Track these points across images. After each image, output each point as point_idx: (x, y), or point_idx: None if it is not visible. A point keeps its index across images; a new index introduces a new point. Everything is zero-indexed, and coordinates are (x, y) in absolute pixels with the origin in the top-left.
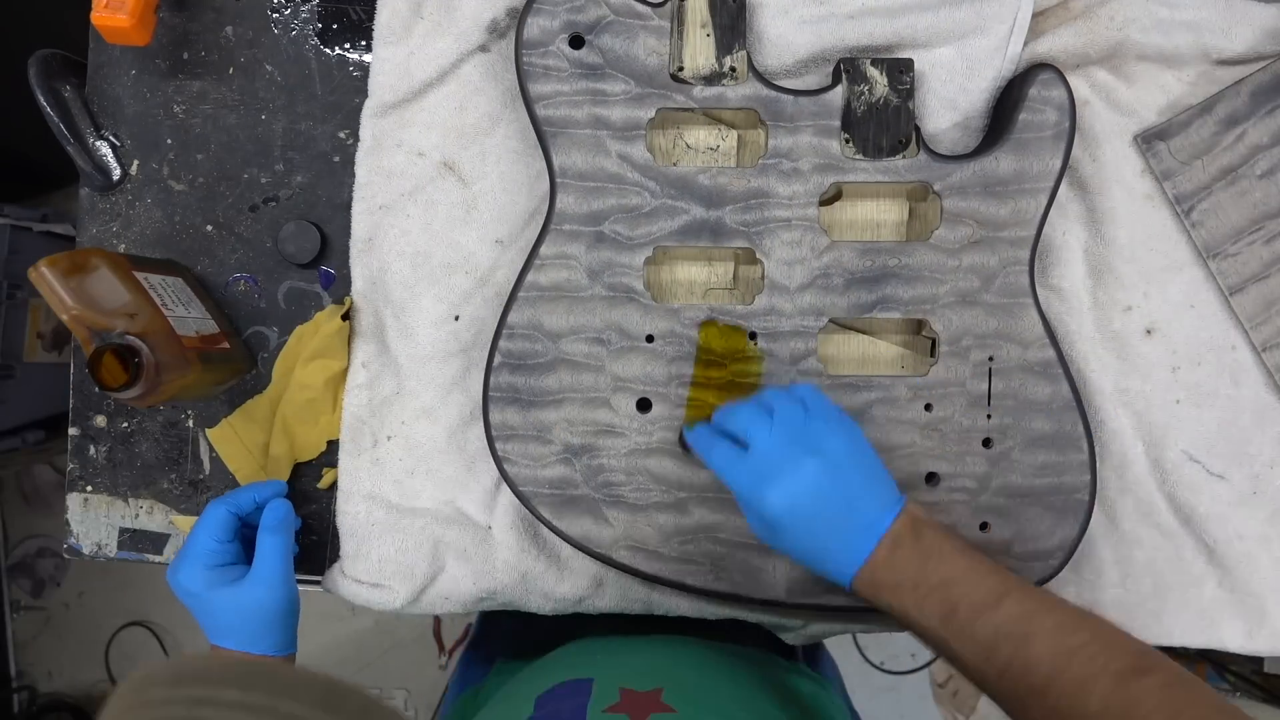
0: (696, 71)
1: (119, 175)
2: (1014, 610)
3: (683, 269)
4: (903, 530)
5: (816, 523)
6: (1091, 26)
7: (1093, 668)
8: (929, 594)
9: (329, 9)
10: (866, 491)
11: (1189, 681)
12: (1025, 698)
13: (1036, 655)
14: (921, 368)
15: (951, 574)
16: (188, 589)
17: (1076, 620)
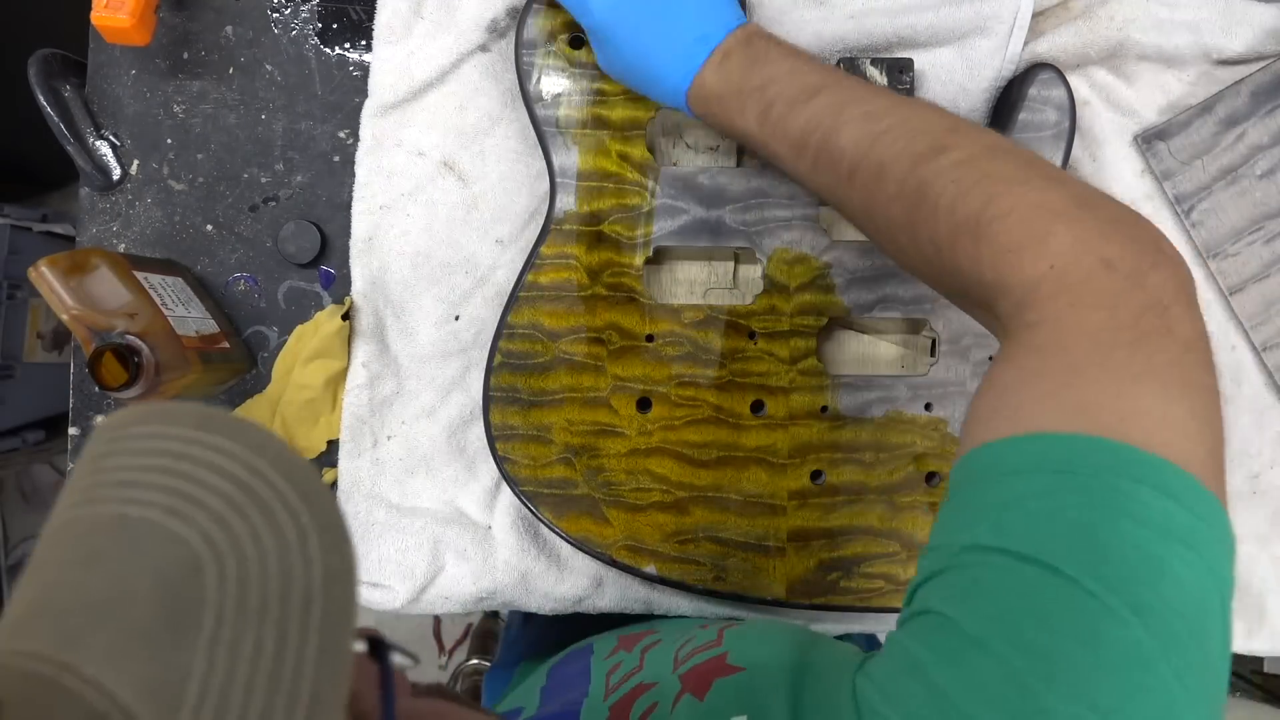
0: None
1: (119, 175)
2: (826, 101)
3: (683, 269)
4: (734, 43)
5: (642, 33)
6: (1091, 26)
7: (893, 151)
8: (749, 96)
9: (329, 9)
10: (700, 6)
11: (990, 152)
12: (836, 188)
13: (841, 145)
14: (921, 367)
15: (773, 74)
16: None
17: (889, 108)
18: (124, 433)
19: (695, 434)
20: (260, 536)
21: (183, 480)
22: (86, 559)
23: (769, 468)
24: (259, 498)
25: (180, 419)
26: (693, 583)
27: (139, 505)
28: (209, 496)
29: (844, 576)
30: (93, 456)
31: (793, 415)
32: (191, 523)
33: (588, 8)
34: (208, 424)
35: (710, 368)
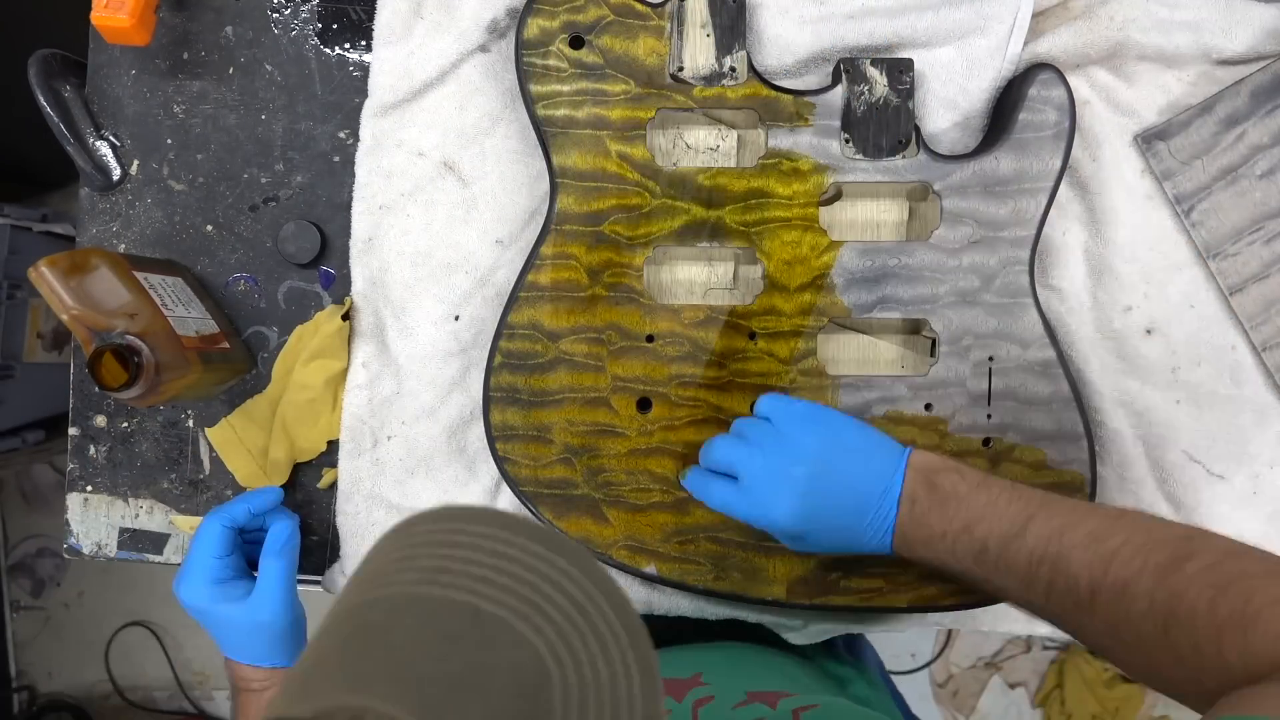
0: (696, 71)
1: (119, 175)
2: (1042, 532)
3: (683, 269)
4: (915, 488)
5: (832, 517)
6: (1091, 26)
7: (1132, 568)
8: (956, 539)
9: (329, 9)
10: (865, 468)
11: (1234, 554)
12: (1076, 615)
13: (1075, 571)
14: (921, 367)
15: (972, 514)
16: (191, 604)
17: (1109, 524)
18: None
19: (696, 434)
20: (596, 664)
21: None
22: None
23: None
24: (595, 626)
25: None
26: (693, 583)
27: (492, 602)
28: (554, 611)
29: (844, 576)
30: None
31: None
32: (540, 633)
33: (777, 524)
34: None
35: (710, 368)
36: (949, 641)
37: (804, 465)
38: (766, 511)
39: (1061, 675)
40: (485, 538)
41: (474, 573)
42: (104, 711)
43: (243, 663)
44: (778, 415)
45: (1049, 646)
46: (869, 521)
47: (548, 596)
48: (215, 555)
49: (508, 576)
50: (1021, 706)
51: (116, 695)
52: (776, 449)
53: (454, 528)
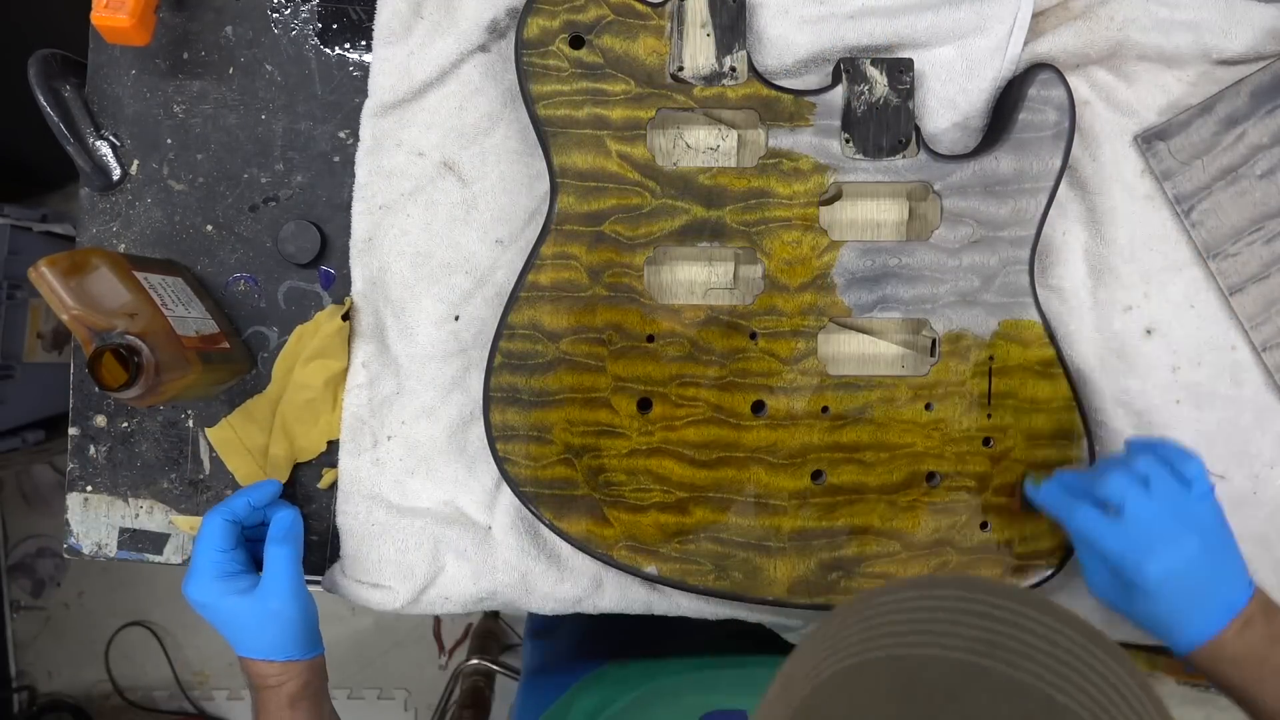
0: (696, 71)
1: (119, 175)
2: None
3: (683, 269)
4: (1255, 612)
5: (1180, 596)
6: (1091, 26)
7: None
8: (1275, 673)
9: (329, 9)
10: (1230, 571)
11: None
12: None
13: None
14: (921, 367)
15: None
16: (200, 601)
17: None
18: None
19: (696, 434)
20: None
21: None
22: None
23: (769, 468)
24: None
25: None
26: (693, 583)
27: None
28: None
29: (844, 576)
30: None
31: (793, 415)
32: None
33: (1142, 572)
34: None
35: (711, 368)
36: None
37: (1200, 539)
38: (1139, 557)
39: None
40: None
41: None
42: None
43: (257, 659)
44: (1198, 482)
45: None
46: (1202, 618)
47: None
48: (219, 549)
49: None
50: None
51: (116, 695)
52: (1178, 509)
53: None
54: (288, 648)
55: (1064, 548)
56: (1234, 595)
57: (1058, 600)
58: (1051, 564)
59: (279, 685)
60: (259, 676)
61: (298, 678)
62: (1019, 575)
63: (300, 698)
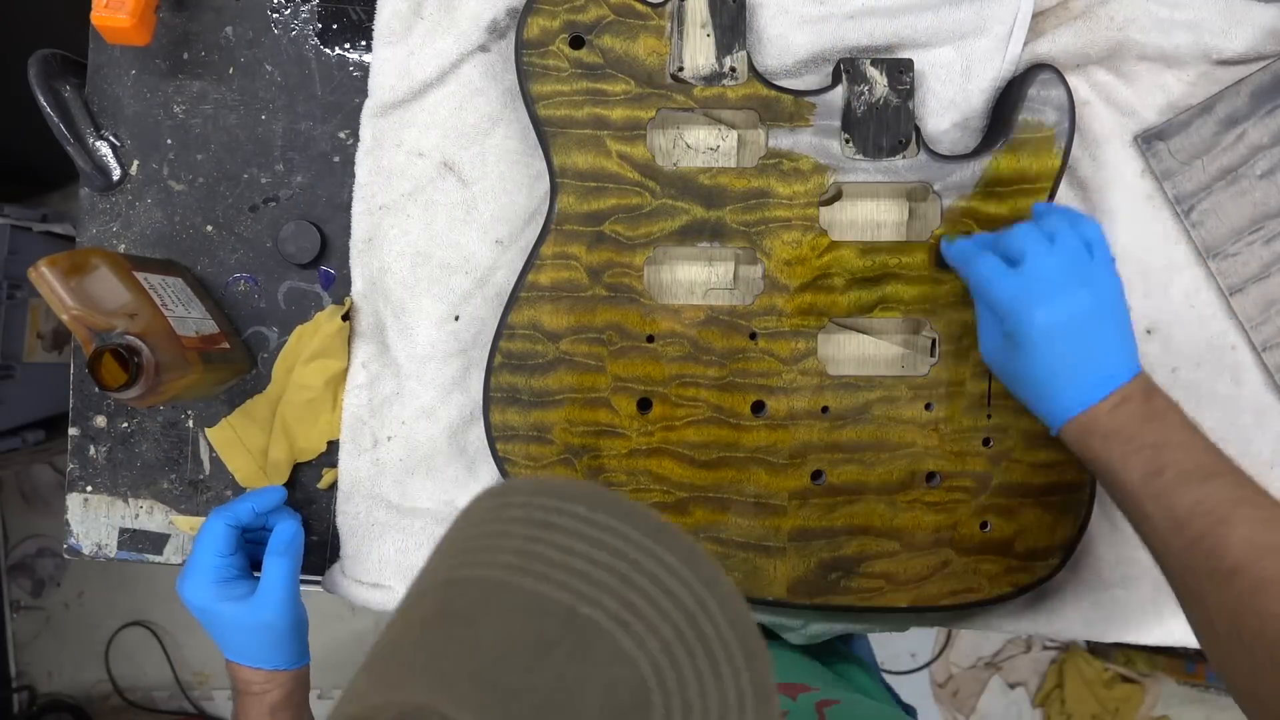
0: (696, 71)
1: (119, 175)
2: (1222, 491)
3: (683, 269)
4: (1134, 389)
5: (1062, 358)
6: (1091, 26)
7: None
8: (1139, 450)
9: (329, 9)
10: (1117, 344)
11: None
12: (1204, 580)
13: (1229, 540)
14: (921, 367)
15: (1170, 438)
16: (195, 604)
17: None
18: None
19: (696, 434)
20: (705, 686)
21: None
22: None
23: (769, 468)
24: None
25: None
26: None
27: (589, 604)
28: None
29: (844, 576)
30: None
31: (793, 415)
32: (642, 645)
33: (1030, 321)
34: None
35: (711, 368)
36: (949, 641)
37: (1093, 296)
38: (1029, 304)
39: (1061, 675)
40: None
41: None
42: (104, 711)
43: (244, 665)
44: (1099, 248)
45: (1049, 647)
46: (1079, 385)
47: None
48: (219, 554)
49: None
50: (1021, 706)
51: (116, 695)
52: (1077, 266)
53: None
54: (275, 657)
55: (1065, 547)
56: (1117, 369)
57: (1059, 599)
58: (1052, 563)
59: (262, 693)
60: (244, 682)
61: (281, 687)
62: (1019, 575)
63: (282, 707)
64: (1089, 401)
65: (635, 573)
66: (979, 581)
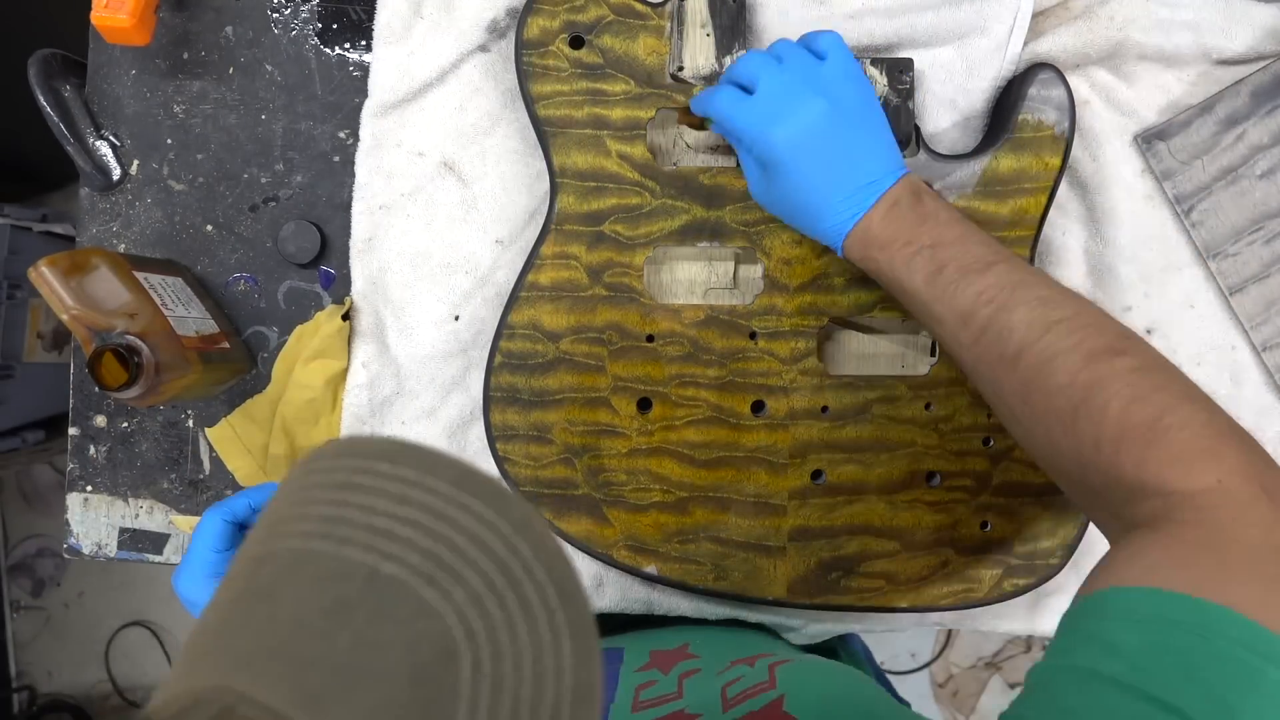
0: (696, 71)
1: (119, 175)
2: (1001, 278)
3: (683, 269)
4: (903, 192)
5: (816, 171)
6: (1091, 26)
7: (1066, 343)
8: (918, 252)
9: (329, 9)
10: (872, 150)
11: (1162, 367)
12: (995, 365)
13: (1012, 324)
14: (921, 367)
15: (945, 236)
16: (190, 599)
17: (1063, 297)
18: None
19: (696, 434)
20: (516, 630)
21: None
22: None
23: (769, 467)
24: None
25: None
26: (693, 583)
27: (393, 561)
28: (467, 571)
29: (844, 576)
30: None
31: (793, 415)
32: (448, 598)
33: (771, 141)
34: (468, 483)
35: (711, 368)
36: (949, 641)
37: (828, 102)
38: (765, 127)
39: None
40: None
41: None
42: (104, 711)
43: None
44: (833, 53)
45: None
46: (846, 195)
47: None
48: (215, 549)
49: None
50: None
51: (116, 695)
52: (808, 77)
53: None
54: None
55: (1066, 547)
56: (877, 174)
57: (1059, 599)
58: (1053, 564)
59: None
60: None
61: None
62: (1019, 575)
63: None
64: (857, 212)
65: (442, 525)
66: (979, 581)
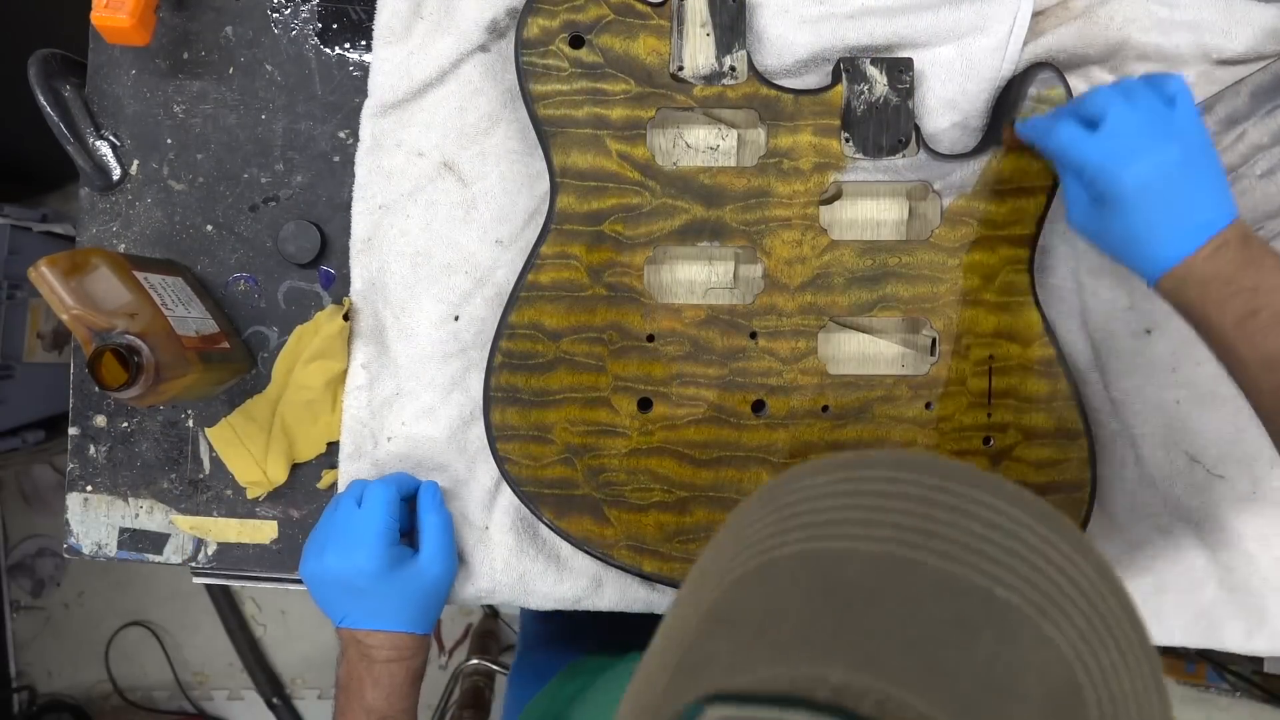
0: (696, 71)
1: (119, 175)
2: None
3: (683, 268)
4: (1232, 235)
5: (1154, 211)
6: (1091, 26)
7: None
8: (1236, 294)
9: (329, 9)
10: (1210, 192)
11: None
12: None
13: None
14: (922, 366)
15: (1265, 281)
16: (365, 570)
17: None
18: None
19: (696, 434)
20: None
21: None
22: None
23: (770, 467)
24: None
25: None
26: None
27: (1004, 587)
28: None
29: None
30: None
31: (793, 415)
32: (1062, 632)
33: (1118, 179)
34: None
35: (711, 367)
36: None
37: (1181, 147)
38: (1120, 162)
39: None
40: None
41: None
42: (104, 711)
43: (381, 629)
44: (1183, 100)
45: None
46: (1176, 235)
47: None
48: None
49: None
50: None
51: (116, 695)
52: (1161, 120)
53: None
54: (422, 620)
55: None
56: (1213, 215)
57: None
58: None
59: (387, 661)
60: (371, 648)
61: (424, 651)
62: None
63: (420, 675)
64: (1185, 252)
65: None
66: None
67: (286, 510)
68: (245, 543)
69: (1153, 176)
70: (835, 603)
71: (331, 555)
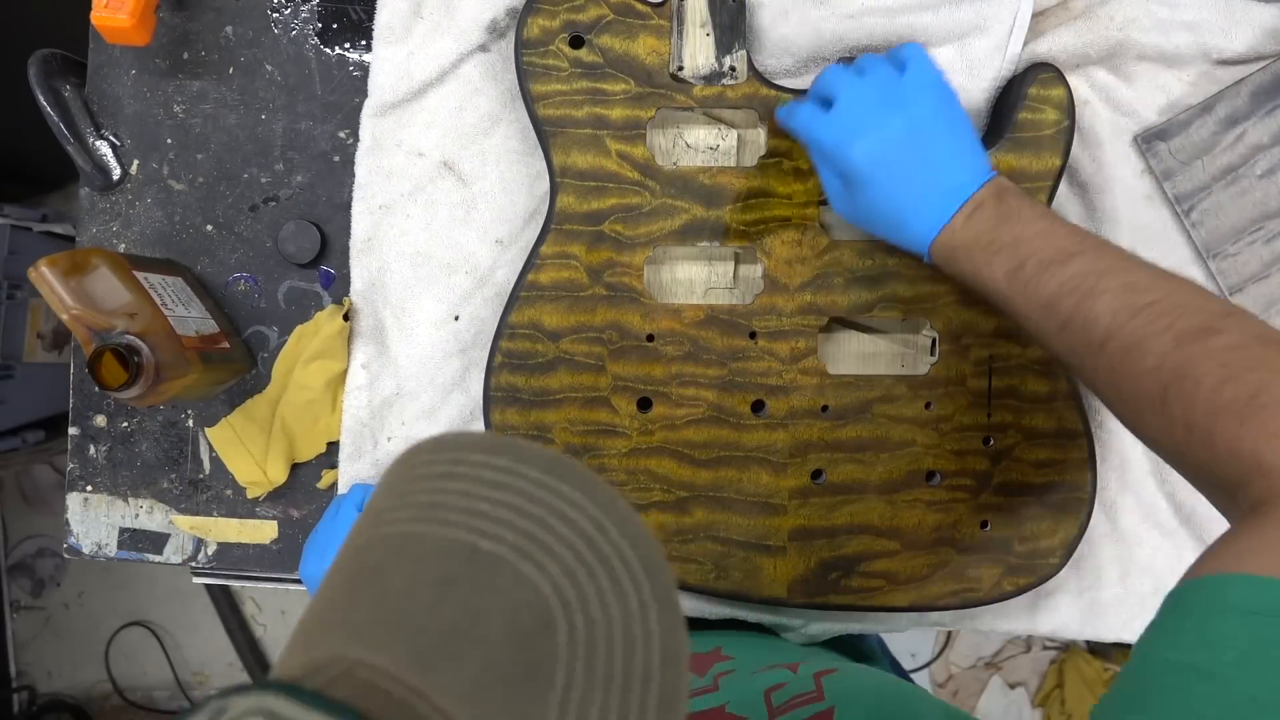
0: (696, 71)
1: (119, 175)
2: (1084, 267)
3: (683, 268)
4: (987, 195)
5: (899, 181)
6: (1091, 26)
7: (1155, 326)
8: (999, 251)
9: (329, 9)
10: (955, 158)
11: (1264, 341)
12: (1083, 354)
13: (1096, 311)
14: (921, 366)
15: (1025, 233)
16: None
17: (1153, 281)
18: (469, 458)
19: (696, 434)
20: (607, 601)
21: (533, 524)
22: (440, 581)
23: (770, 467)
24: (605, 559)
25: (532, 459)
26: (693, 582)
27: (490, 539)
28: (558, 546)
29: (844, 575)
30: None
31: (793, 414)
32: (543, 570)
33: (849, 157)
34: (557, 469)
35: (711, 367)
36: (949, 641)
37: (906, 116)
38: (845, 141)
39: (1061, 675)
40: (485, 467)
41: (473, 507)
42: (104, 711)
43: None
44: (914, 65)
45: (1049, 646)
46: (930, 204)
47: (552, 529)
48: None
49: (508, 509)
50: (1021, 706)
51: (116, 695)
52: (887, 90)
53: (454, 457)
54: None
55: (1065, 547)
56: (960, 181)
57: (1059, 599)
58: (1053, 563)
59: None
60: None
61: None
62: (1019, 574)
63: None
64: (941, 221)
65: (535, 507)
66: (979, 581)
67: (286, 510)
68: (245, 543)
69: (882, 149)
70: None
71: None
